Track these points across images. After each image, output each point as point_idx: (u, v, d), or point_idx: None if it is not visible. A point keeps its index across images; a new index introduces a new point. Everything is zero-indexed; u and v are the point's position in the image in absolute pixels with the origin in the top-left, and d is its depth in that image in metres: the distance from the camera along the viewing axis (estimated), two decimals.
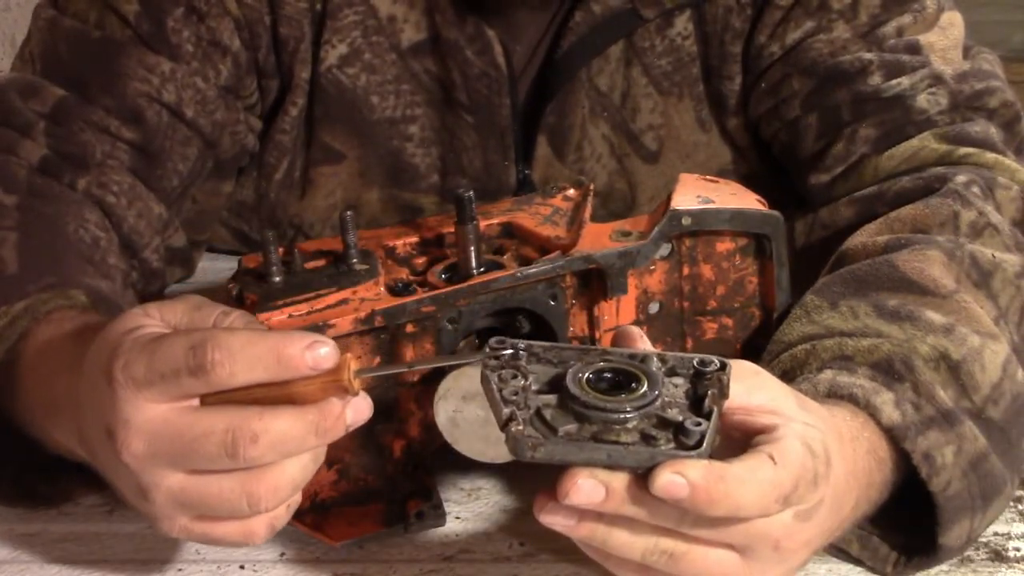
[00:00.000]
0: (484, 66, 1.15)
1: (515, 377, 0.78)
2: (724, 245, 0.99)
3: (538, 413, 0.76)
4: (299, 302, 0.90)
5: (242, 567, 0.93)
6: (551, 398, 0.77)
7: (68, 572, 0.93)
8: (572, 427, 0.75)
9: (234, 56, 1.16)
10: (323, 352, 0.75)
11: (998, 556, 0.93)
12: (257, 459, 0.75)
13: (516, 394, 0.77)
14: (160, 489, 0.77)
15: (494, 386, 0.77)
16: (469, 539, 0.95)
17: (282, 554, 0.94)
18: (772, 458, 0.76)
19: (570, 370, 0.78)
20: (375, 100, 1.19)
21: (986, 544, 0.94)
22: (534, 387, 0.78)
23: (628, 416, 0.75)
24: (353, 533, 0.94)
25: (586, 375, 0.78)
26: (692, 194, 0.99)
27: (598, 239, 0.96)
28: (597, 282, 0.96)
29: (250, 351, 0.74)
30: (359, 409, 0.77)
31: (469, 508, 0.98)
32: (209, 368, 0.74)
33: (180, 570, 0.93)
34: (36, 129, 1.10)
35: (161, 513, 0.78)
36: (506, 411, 0.76)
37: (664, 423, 0.76)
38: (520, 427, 0.75)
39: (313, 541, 0.94)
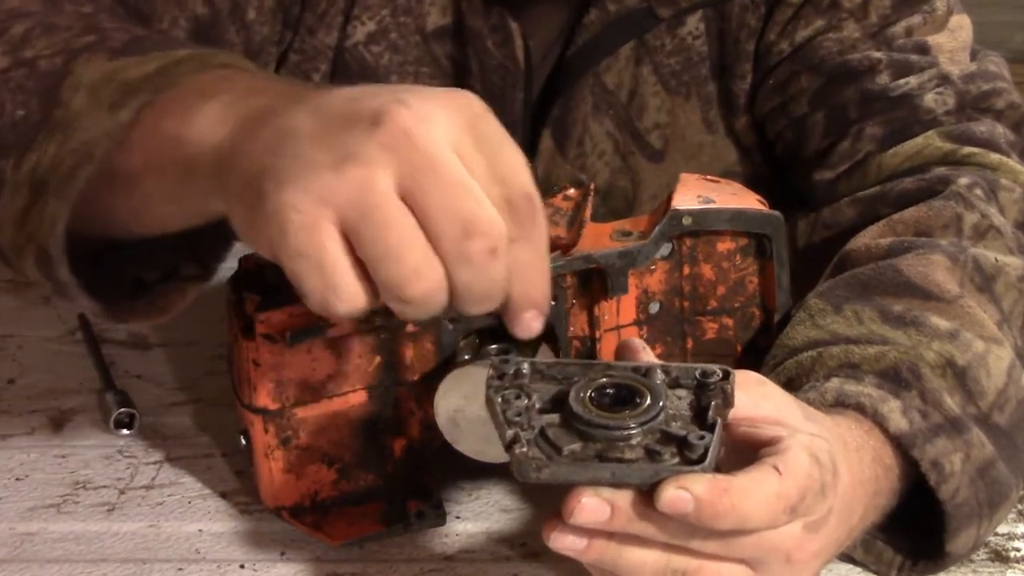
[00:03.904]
0: (503, 58, 1.15)
1: (519, 397, 0.77)
2: (724, 245, 0.99)
3: (542, 433, 0.76)
4: (299, 302, 0.90)
5: (242, 566, 0.93)
6: (554, 417, 0.77)
7: (68, 572, 0.93)
8: (576, 446, 0.75)
9: None
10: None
11: (999, 556, 0.93)
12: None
13: (520, 415, 0.76)
14: (373, 192, 0.68)
15: (498, 408, 0.77)
16: (469, 539, 0.95)
17: (282, 553, 0.94)
18: (777, 469, 0.76)
19: (573, 388, 0.78)
20: (395, 79, 1.18)
21: (987, 544, 0.93)
22: (537, 406, 0.78)
23: (631, 432, 0.75)
24: (353, 533, 0.94)
25: (589, 392, 0.77)
26: (693, 194, 0.98)
27: (598, 239, 0.96)
28: (597, 282, 0.96)
29: None
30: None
31: (469, 508, 0.98)
32: None
33: (180, 569, 0.93)
34: None
35: (307, 206, 0.68)
36: (510, 433, 0.76)
37: (668, 437, 0.75)
38: (524, 449, 0.75)
39: (313, 541, 0.94)
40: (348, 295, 0.69)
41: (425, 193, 0.69)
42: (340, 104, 0.72)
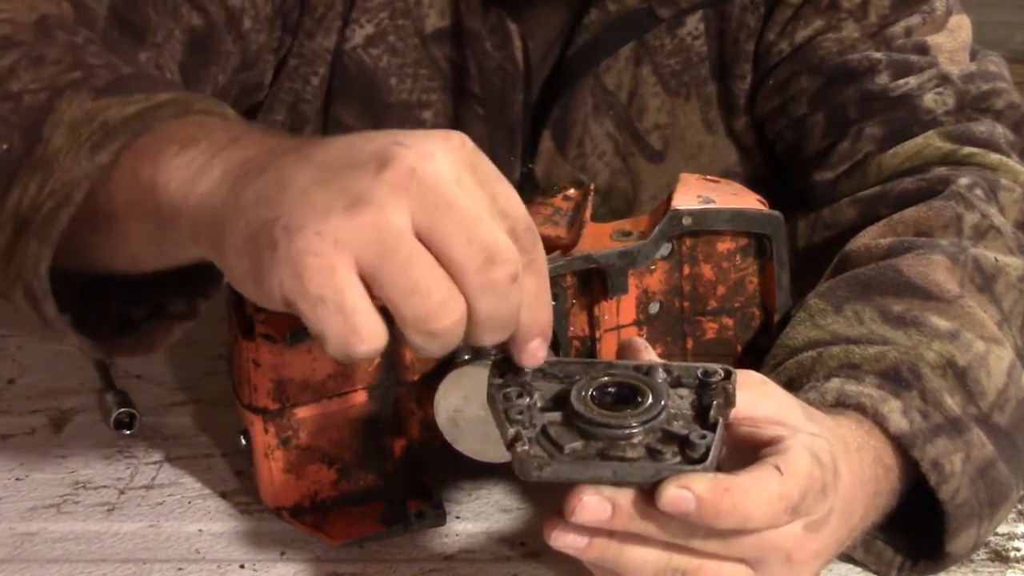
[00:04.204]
0: (502, 60, 1.15)
1: (520, 396, 0.77)
2: (724, 245, 0.99)
3: (543, 431, 0.76)
4: None
5: (242, 566, 0.93)
6: (556, 415, 0.77)
7: (68, 572, 0.93)
8: (578, 445, 0.75)
9: None
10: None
11: (999, 556, 0.93)
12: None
13: (521, 413, 0.76)
14: (374, 220, 0.68)
15: (499, 406, 0.77)
16: (469, 539, 0.95)
17: (282, 553, 0.94)
18: (778, 469, 0.76)
19: (575, 386, 0.78)
20: (393, 82, 1.18)
21: (987, 544, 0.93)
22: (539, 404, 0.78)
23: (633, 431, 0.75)
24: (353, 533, 0.94)
25: (590, 391, 0.77)
26: (692, 194, 0.98)
27: (598, 239, 0.96)
28: (597, 282, 0.96)
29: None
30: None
31: (469, 508, 0.98)
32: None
33: (180, 569, 0.93)
34: None
35: (323, 249, 0.68)
36: (511, 431, 0.75)
37: (669, 437, 0.75)
38: (525, 447, 0.75)
39: (313, 541, 0.94)
40: (370, 336, 0.69)
41: (443, 227, 0.69)
42: (337, 151, 0.72)
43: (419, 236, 0.69)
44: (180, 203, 0.75)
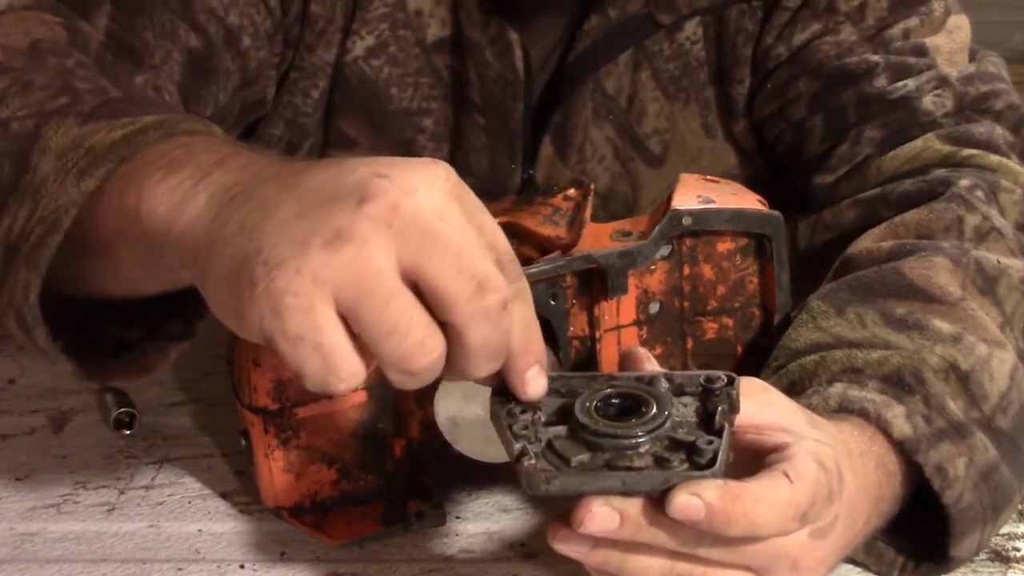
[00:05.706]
0: (502, 69, 1.15)
1: (524, 411, 0.77)
2: (724, 245, 0.99)
3: (549, 445, 0.76)
4: None
5: (242, 566, 0.93)
6: (561, 429, 0.77)
7: (68, 572, 0.93)
8: (584, 457, 0.75)
9: (270, 10, 1.13)
10: None
11: (999, 556, 0.92)
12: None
13: (526, 428, 0.76)
14: (353, 261, 0.67)
15: (503, 421, 0.77)
16: (469, 539, 0.95)
17: (282, 554, 0.94)
18: (787, 476, 0.76)
19: (578, 399, 0.78)
20: (394, 91, 1.19)
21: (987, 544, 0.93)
22: (543, 419, 0.78)
23: (639, 440, 0.75)
24: (353, 533, 0.94)
25: (594, 403, 0.77)
26: (692, 194, 0.99)
27: (598, 239, 0.96)
28: (597, 282, 0.96)
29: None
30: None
31: (469, 508, 0.98)
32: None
33: (180, 569, 0.93)
34: (99, 12, 1.02)
35: (302, 288, 0.67)
36: (517, 446, 0.75)
37: (676, 444, 0.75)
38: (532, 461, 0.75)
39: (313, 541, 0.94)
40: (348, 375, 0.69)
41: (430, 261, 0.68)
42: (319, 182, 0.71)
43: (404, 272, 0.68)
44: (165, 230, 0.75)
